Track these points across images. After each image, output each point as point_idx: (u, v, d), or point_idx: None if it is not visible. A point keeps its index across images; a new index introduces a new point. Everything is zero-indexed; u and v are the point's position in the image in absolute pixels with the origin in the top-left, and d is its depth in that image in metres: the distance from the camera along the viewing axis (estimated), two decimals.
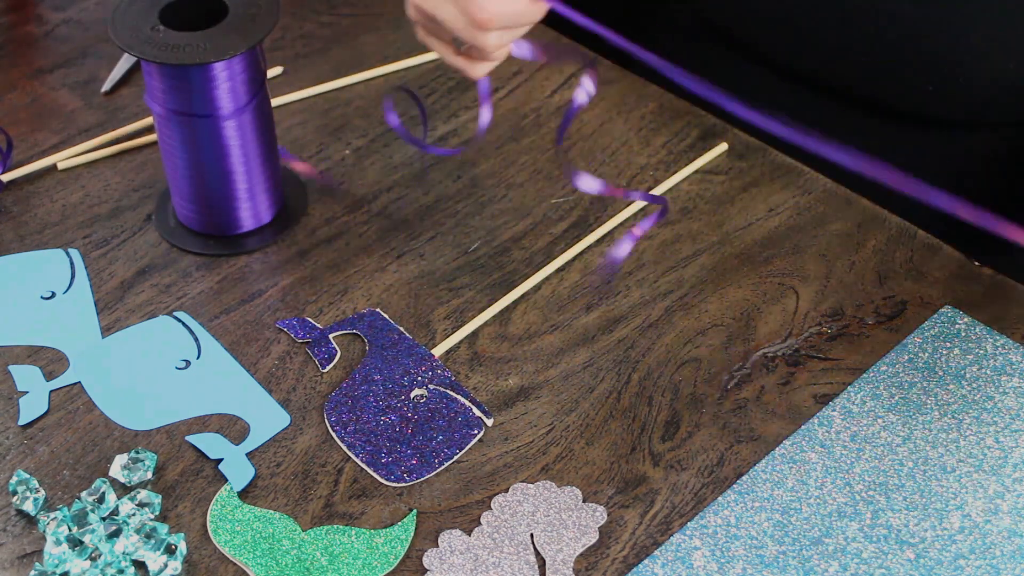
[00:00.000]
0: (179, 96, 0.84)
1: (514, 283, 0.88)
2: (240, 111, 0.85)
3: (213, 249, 0.91)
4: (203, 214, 0.91)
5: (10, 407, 0.82)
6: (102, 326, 0.86)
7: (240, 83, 0.84)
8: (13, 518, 0.76)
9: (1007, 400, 0.80)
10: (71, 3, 1.13)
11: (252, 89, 0.86)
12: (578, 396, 0.82)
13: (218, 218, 0.91)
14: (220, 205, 0.90)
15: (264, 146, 0.89)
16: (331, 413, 0.81)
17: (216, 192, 0.89)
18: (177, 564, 0.72)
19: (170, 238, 0.92)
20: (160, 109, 0.86)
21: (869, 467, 0.77)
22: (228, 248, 0.91)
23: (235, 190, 0.89)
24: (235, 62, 0.83)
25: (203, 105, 0.84)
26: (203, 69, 0.83)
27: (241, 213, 0.91)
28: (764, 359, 0.83)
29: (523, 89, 1.04)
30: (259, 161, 0.89)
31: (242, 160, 0.88)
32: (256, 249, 0.91)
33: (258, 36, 0.83)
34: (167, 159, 0.89)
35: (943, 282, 0.87)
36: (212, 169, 0.88)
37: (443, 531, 0.74)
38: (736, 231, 0.91)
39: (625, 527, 0.74)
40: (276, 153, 0.91)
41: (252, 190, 0.90)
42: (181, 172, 0.89)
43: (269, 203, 0.92)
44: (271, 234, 0.92)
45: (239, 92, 0.85)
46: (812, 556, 0.73)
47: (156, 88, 0.85)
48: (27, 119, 1.02)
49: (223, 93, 0.84)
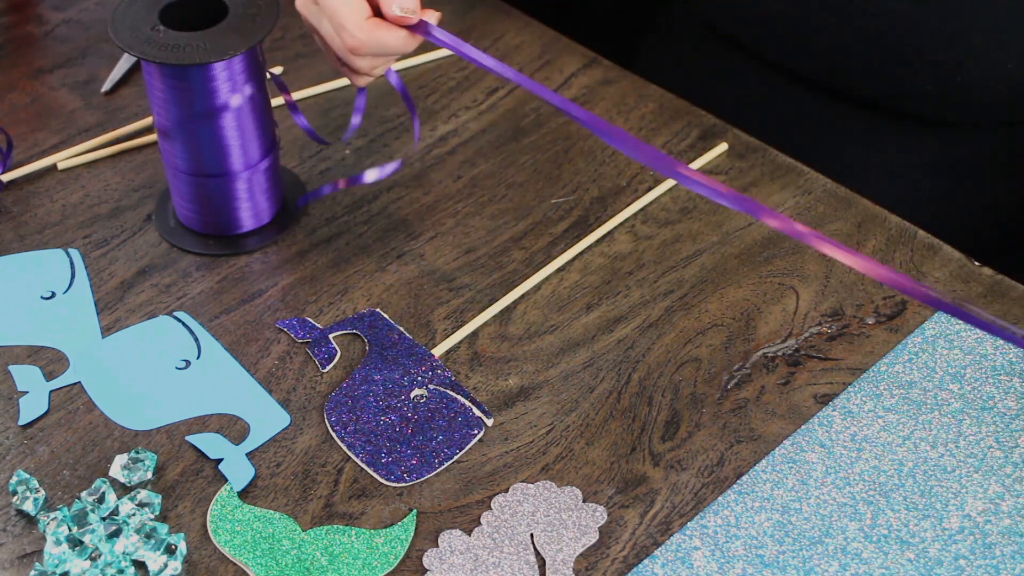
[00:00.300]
0: (179, 96, 0.84)
1: (514, 283, 0.88)
2: (240, 111, 0.85)
3: (213, 249, 0.91)
4: (203, 214, 0.91)
5: (10, 407, 0.82)
6: (102, 326, 0.86)
7: (240, 83, 0.84)
8: (13, 518, 0.76)
9: (1007, 400, 0.80)
10: (71, 3, 1.13)
11: (252, 89, 0.86)
12: (578, 396, 0.82)
13: (218, 218, 0.91)
14: (220, 205, 0.90)
15: (264, 146, 0.89)
16: (331, 413, 0.81)
17: (216, 192, 0.89)
18: (177, 564, 0.72)
19: (170, 238, 0.92)
20: (160, 109, 0.86)
21: (869, 467, 0.77)
22: (228, 248, 0.91)
23: (235, 190, 0.89)
24: (235, 62, 0.83)
25: (203, 105, 0.84)
26: (203, 69, 0.83)
27: (241, 213, 0.91)
28: (764, 359, 0.83)
29: (523, 89, 1.04)
30: (259, 161, 0.89)
31: (242, 160, 0.88)
32: (256, 249, 0.91)
33: (258, 36, 0.83)
34: (167, 159, 0.89)
35: (943, 282, 0.87)
36: (212, 169, 0.88)
37: (443, 531, 0.74)
38: (736, 231, 0.91)
39: (625, 527, 0.74)
40: (277, 153, 0.91)
41: (252, 190, 0.90)
42: (181, 172, 0.89)
43: (269, 203, 0.92)
44: (271, 234, 0.92)
45: (239, 92, 0.85)
46: (812, 556, 0.73)
47: (156, 88, 0.85)
48: (27, 119, 1.02)
49: (223, 93, 0.84)
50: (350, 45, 0.80)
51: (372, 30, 0.80)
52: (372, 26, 0.80)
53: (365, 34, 0.80)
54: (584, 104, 1.01)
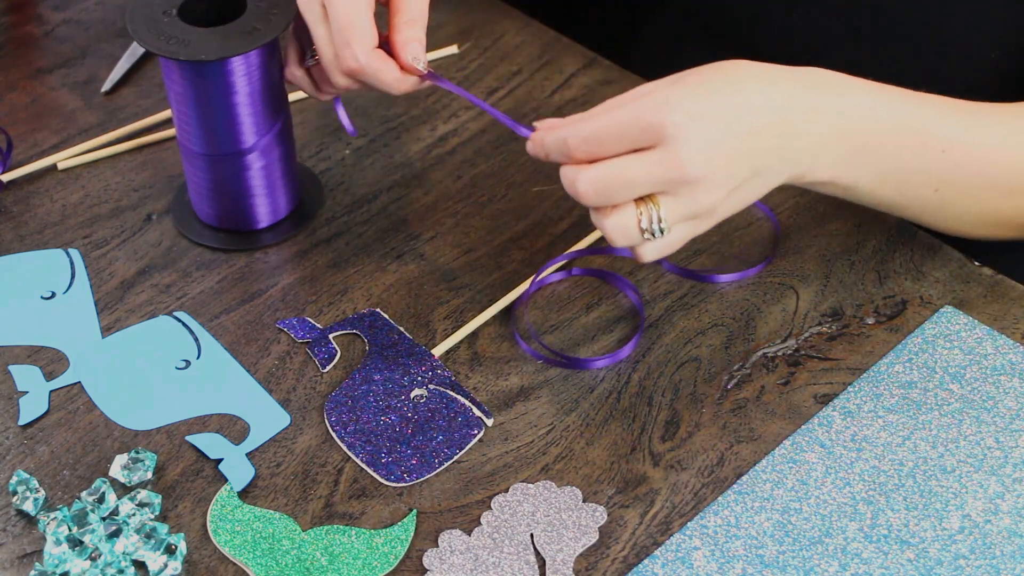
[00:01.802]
0: (196, 92, 0.84)
1: (514, 283, 0.88)
2: (258, 107, 0.85)
3: (229, 244, 0.91)
4: (220, 209, 0.91)
5: (10, 407, 0.82)
6: (102, 326, 0.86)
7: (257, 79, 0.84)
8: (13, 518, 0.76)
9: (1007, 400, 0.80)
10: (71, 3, 1.13)
11: (269, 84, 0.86)
12: (578, 396, 0.82)
13: (235, 213, 0.91)
14: (237, 200, 0.90)
15: (283, 141, 0.89)
16: (331, 413, 0.81)
17: (233, 188, 0.89)
18: (177, 564, 0.72)
19: (187, 232, 0.92)
20: (179, 106, 0.86)
21: (869, 467, 0.77)
22: (245, 244, 0.91)
23: (251, 186, 0.89)
24: (252, 56, 0.83)
25: (221, 101, 0.84)
26: (220, 64, 0.83)
27: (258, 209, 0.91)
28: (764, 359, 0.83)
29: (523, 89, 1.04)
30: (277, 156, 0.89)
31: (260, 156, 0.88)
32: (273, 244, 0.91)
33: (275, 31, 0.83)
34: (185, 157, 0.89)
35: (943, 282, 0.87)
36: (230, 165, 0.88)
37: (443, 531, 0.74)
38: (736, 231, 0.91)
39: (625, 527, 0.74)
40: (293, 148, 0.91)
41: (271, 185, 0.90)
42: (199, 168, 0.89)
43: (286, 198, 0.92)
44: (288, 228, 0.92)
45: (256, 88, 0.85)
46: (812, 556, 0.73)
47: (175, 84, 0.85)
48: (27, 119, 1.02)
49: (241, 89, 0.84)
50: (348, 67, 0.80)
51: (375, 61, 0.80)
52: (377, 57, 0.80)
53: (368, 61, 0.79)
54: (584, 104, 1.01)
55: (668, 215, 0.72)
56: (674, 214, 0.73)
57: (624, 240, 0.74)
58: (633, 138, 0.72)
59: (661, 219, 0.72)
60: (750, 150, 0.73)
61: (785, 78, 0.76)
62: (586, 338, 0.85)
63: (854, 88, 0.78)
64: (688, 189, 0.72)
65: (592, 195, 0.73)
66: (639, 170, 0.72)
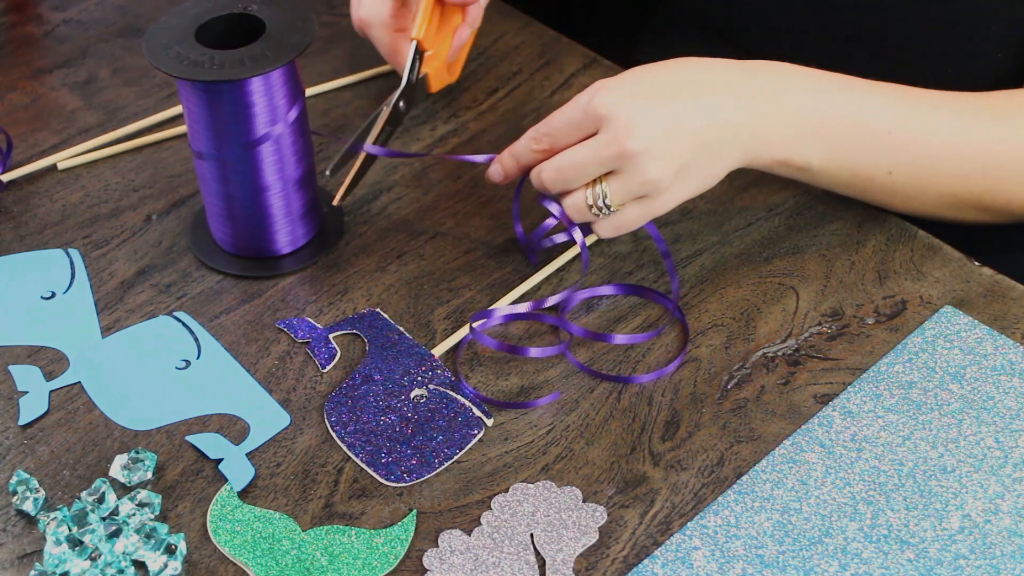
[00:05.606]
0: (213, 113, 0.83)
1: (514, 283, 0.88)
2: (277, 127, 0.84)
3: (250, 271, 0.89)
4: (239, 236, 0.89)
5: (10, 407, 0.82)
6: (102, 326, 0.86)
7: (279, 98, 0.83)
8: (13, 518, 0.76)
9: (1007, 400, 0.80)
10: (71, 3, 1.13)
11: (289, 104, 0.84)
12: (578, 396, 0.82)
13: (254, 241, 0.89)
14: (256, 227, 0.88)
15: (303, 164, 0.87)
16: (331, 413, 0.81)
17: (251, 214, 0.88)
18: (177, 564, 0.72)
19: (208, 260, 0.90)
20: (197, 127, 0.84)
21: (869, 467, 0.77)
22: (264, 271, 0.89)
23: (270, 211, 0.88)
24: (272, 77, 0.82)
25: (240, 122, 0.83)
26: (239, 85, 0.81)
27: (278, 236, 0.89)
28: (764, 359, 0.83)
29: (523, 89, 1.04)
30: (296, 180, 0.87)
31: (279, 179, 0.86)
32: (292, 272, 0.90)
33: (294, 51, 0.81)
34: (203, 183, 0.87)
35: (943, 282, 0.87)
36: (248, 191, 0.86)
37: (443, 531, 0.74)
38: (736, 231, 0.91)
39: (625, 527, 0.74)
40: (314, 172, 0.89)
41: (289, 210, 0.88)
42: (216, 195, 0.87)
43: (306, 225, 0.90)
44: (307, 256, 0.90)
45: (276, 108, 0.84)
46: (812, 556, 0.73)
47: (192, 105, 0.83)
48: (27, 119, 1.02)
49: (260, 109, 0.83)
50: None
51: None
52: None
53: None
54: None
55: (613, 191, 0.80)
56: (620, 190, 0.80)
57: (578, 216, 0.83)
58: (578, 124, 0.80)
59: (606, 195, 0.81)
60: (691, 125, 0.79)
61: (726, 64, 0.82)
62: (586, 338, 0.85)
63: (800, 74, 0.83)
64: (630, 164, 0.79)
65: (552, 182, 0.82)
66: (586, 152, 0.80)
